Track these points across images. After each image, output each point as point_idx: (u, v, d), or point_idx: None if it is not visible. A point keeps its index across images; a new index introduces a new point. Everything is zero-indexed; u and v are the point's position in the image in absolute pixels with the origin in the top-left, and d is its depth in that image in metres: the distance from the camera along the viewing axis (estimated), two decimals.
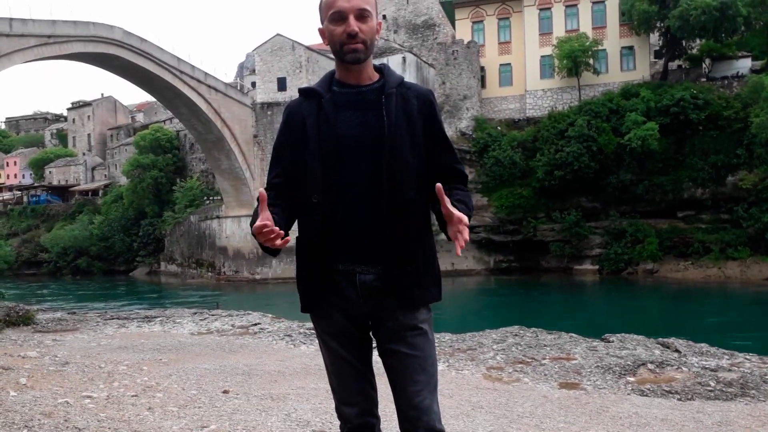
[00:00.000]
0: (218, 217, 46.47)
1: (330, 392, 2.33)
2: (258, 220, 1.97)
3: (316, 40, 54.07)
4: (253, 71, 60.63)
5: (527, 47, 44.82)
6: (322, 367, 2.51)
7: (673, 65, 43.30)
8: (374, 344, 2.29)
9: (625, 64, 43.45)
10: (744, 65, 41.47)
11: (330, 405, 3.95)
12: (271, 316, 9.54)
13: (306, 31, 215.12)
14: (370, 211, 2.12)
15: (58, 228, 62.68)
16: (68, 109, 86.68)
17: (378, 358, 2.23)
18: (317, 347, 6.22)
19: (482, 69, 45.60)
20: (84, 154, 78.47)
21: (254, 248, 41.09)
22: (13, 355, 6.55)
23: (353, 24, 2.10)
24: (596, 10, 44.04)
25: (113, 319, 9.74)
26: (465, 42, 45.27)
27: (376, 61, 2.22)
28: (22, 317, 9.03)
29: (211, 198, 51.73)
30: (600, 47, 42.20)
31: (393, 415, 2.38)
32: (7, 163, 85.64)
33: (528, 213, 40.07)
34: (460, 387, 5.16)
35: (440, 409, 2.20)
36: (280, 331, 8.06)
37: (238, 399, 4.84)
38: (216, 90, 42.29)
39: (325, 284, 2.16)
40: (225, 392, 5.04)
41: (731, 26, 37.52)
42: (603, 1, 43.72)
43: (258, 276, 42.87)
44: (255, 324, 8.76)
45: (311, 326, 7.75)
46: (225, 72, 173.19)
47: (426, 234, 2.21)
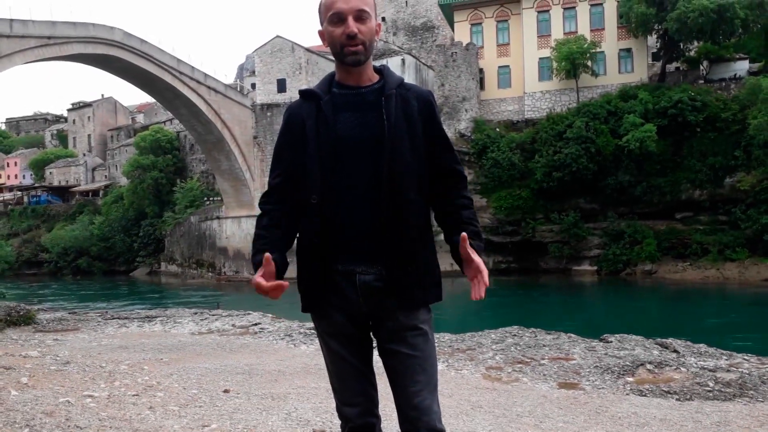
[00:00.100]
0: (218, 218, 46.48)
1: (330, 392, 2.34)
2: (256, 274, 2.08)
3: (316, 42, 54.19)
4: (253, 73, 60.75)
5: (526, 49, 44.78)
6: (323, 367, 2.52)
7: (671, 67, 43.31)
8: (374, 344, 2.30)
9: (623, 66, 43.42)
10: (741, 67, 41.50)
11: (330, 404, 3.97)
12: (272, 316, 9.56)
13: (306, 33, 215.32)
14: (370, 212, 2.12)
15: (59, 228, 62.69)
16: (68, 110, 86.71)
17: (378, 358, 2.24)
18: (317, 347, 6.26)
19: (481, 71, 45.55)
20: (84, 155, 78.49)
21: None
22: (15, 355, 6.57)
23: (352, 25, 2.11)
24: (594, 13, 44.02)
25: (114, 319, 9.77)
26: (464, 44, 45.25)
27: (375, 63, 2.22)
28: (23, 317, 9.06)
29: (212, 199, 51.73)
30: (598, 49, 42.13)
31: (393, 415, 2.39)
32: (8, 164, 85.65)
33: (527, 214, 40.06)
34: (460, 387, 5.17)
35: (440, 409, 2.20)
36: (281, 331, 8.09)
37: (239, 398, 4.86)
38: (216, 91, 42.30)
39: (325, 284, 2.17)
40: (226, 391, 5.06)
41: (729, 28, 37.51)
42: (601, 4, 43.70)
43: None
44: (255, 324, 8.78)
45: (311, 326, 7.79)
46: (225, 73, 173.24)
47: (426, 234, 2.22)
